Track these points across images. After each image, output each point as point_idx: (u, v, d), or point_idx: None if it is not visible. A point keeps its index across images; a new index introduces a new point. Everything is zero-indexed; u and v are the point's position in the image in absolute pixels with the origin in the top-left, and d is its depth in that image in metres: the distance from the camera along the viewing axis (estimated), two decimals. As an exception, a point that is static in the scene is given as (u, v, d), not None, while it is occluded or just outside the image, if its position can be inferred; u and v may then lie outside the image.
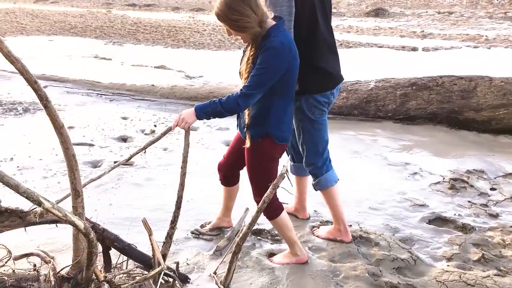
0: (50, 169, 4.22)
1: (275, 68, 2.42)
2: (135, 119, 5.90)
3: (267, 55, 2.40)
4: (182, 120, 2.51)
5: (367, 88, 6.01)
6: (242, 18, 2.35)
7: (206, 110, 2.49)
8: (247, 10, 2.34)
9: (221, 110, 2.46)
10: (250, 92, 2.42)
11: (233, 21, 2.38)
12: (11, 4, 27.77)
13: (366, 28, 15.73)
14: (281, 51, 2.41)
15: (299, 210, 3.49)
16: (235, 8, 2.34)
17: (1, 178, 1.79)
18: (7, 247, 2.36)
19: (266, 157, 2.67)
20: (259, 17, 2.38)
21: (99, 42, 13.13)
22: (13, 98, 6.65)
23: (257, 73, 2.42)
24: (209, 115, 2.51)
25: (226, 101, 2.45)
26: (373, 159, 4.68)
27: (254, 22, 2.37)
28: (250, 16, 2.35)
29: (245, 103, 2.46)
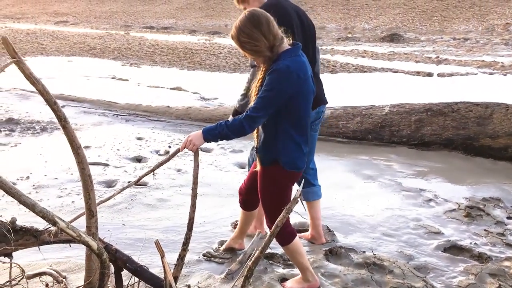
0: (65, 188, 4.26)
1: (279, 90, 2.41)
2: (150, 139, 5.95)
3: (271, 77, 2.42)
4: (190, 142, 2.53)
5: (382, 113, 6.00)
6: (251, 41, 2.41)
7: (213, 133, 2.50)
8: (257, 34, 2.40)
9: (227, 132, 2.47)
10: (255, 114, 2.43)
11: (243, 43, 2.44)
12: (33, 25, 28.53)
13: (381, 53, 15.79)
14: (285, 75, 2.41)
15: (315, 236, 3.45)
16: (245, 31, 2.41)
17: (18, 197, 1.81)
18: (20, 265, 2.37)
19: (276, 183, 2.66)
20: (270, 42, 2.42)
21: (116, 63, 13.36)
22: (31, 117, 6.77)
23: (261, 95, 2.44)
24: (216, 138, 2.52)
25: (232, 124, 2.46)
26: (387, 184, 4.64)
27: (264, 46, 2.42)
28: (259, 40, 2.40)
29: (250, 126, 2.46)
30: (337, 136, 6.05)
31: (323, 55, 15.05)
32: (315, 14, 31.40)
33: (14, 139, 5.78)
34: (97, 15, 37.39)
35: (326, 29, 26.89)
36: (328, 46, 18.02)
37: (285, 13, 2.90)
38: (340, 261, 3.22)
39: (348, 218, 3.86)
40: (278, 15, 2.56)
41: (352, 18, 29.29)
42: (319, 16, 30.72)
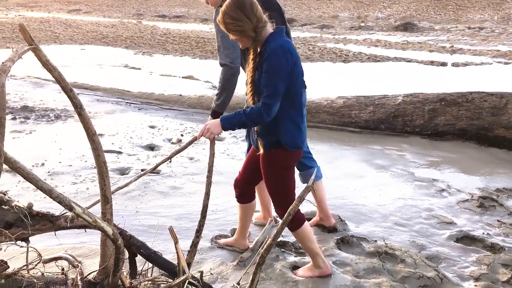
0: (79, 175, 4.32)
1: (282, 70, 2.48)
2: (163, 128, 5.98)
3: (270, 61, 2.48)
4: (207, 130, 2.55)
5: (395, 103, 5.96)
6: (234, 22, 2.50)
7: (231, 121, 2.54)
8: (240, 16, 2.49)
9: (245, 121, 2.51)
10: (269, 101, 2.48)
11: (227, 24, 2.52)
12: (46, 13, 28.66)
13: (395, 42, 15.63)
14: (281, 53, 2.49)
15: (323, 218, 3.49)
16: (229, 13, 2.51)
17: (36, 182, 1.84)
18: (37, 250, 2.41)
19: (281, 166, 2.71)
20: (253, 23, 2.50)
21: (129, 52, 13.41)
22: (46, 105, 6.84)
23: (268, 82, 2.48)
24: (234, 126, 2.56)
25: (250, 112, 2.50)
26: (400, 174, 4.63)
27: (247, 27, 2.50)
28: (243, 21, 2.49)
29: (268, 113, 2.50)
30: (349, 126, 6.03)
31: (335, 44, 14.95)
32: (328, 3, 31.13)
33: (29, 126, 5.85)
34: (110, 3, 37.43)
35: (338, 18, 26.65)
36: (341, 35, 17.88)
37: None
38: (351, 250, 3.23)
39: (360, 207, 3.86)
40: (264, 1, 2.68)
41: (365, 7, 28.98)
42: (332, 5, 30.44)
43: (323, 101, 6.27)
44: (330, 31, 19.88)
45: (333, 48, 13.74)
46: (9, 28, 17.17)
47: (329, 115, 6.13)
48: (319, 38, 16.74)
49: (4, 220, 2.26)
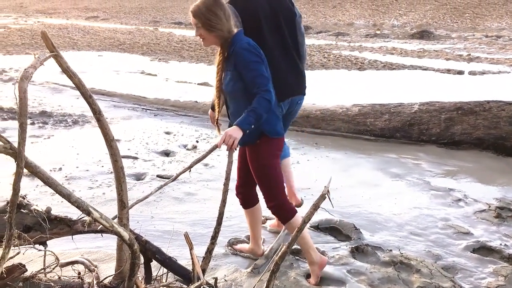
0: (96, 180, 4.36)
1: (259, 59, 2.65)
2: (178, 134, 6.02)
3: (244, 57, 2.63)
4: (229, 137, 2.55)
5: (411, 111, 5.92)
6: (215, 19, 2.63)
7: (248, 121, 2.58)
8: (221, 14, 2.64)
9: (259, 113, 2.58)
10: (266, 87, 2.61)
11: (207, 19, 2.63)
12: (64, 20, 29.11)
13: (411, 50, 15.54)
14: (251, 48, 2.66)
15: (290, 196, 3.53)
16: (211, 9, 2.63)
17: (55, 187, 1.87)
18: (55, 253, 2.44)
19: (268, 154, 2.81)
20: (228, 24, 2.67)
21: (145, 59, 13.55)
22: (64, 111, 6.94)
23: (253, 74, 2.62)
24: (252, 124, 2.60)
25: (259, 105, 2.58)
26: (416, 183, 4.59)
27: (224, 26, 2.65)
28: (222, 19, 2.64)
29: (271, 97, 2.63)
30: (364, 134, 6.00)
31: (351, 52, 14.92)
32: (344, 11, 31.10)
33: (47, 131, 5.94)
34: (127, 10, 37.89)
35: (354, 26, 26.61)
36: (356, 43, 17.84)
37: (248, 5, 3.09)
38: (366, 259, 3.21)
39: (375, 216, 3.84)
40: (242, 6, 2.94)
41: (381, 15, 28.90)
42: (348, 13, 30.41)
43: (338, 109, 6.26)
44: (345, 39, 19.85)
45: (348, 56, 13.71)
46: (28, 34, 17.47)
47: (344, 122, 6.11)
48: (334, 46, 16.73)
49: (23, 223, 2.30)
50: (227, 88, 2.75)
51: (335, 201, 3.51)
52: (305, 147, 5.63)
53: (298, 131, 6.24)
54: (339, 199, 4.01)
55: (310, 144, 5.76)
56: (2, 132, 5.74)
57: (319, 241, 3.40)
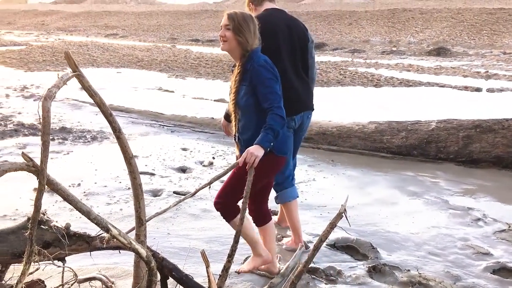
0: (113, 196, 4.41)
1: (274, 76, 2.81)
2: (195, 150, 6.06)
3: (261, 73, 2.78)
4: (251, 155, 2.60)
5: (428, 129, 5.88)
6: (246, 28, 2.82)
7: (267, 138, 2.67)
8: (251, 28, 2.83)
9: (276, 129, 2.69)
10: (278, 104, 2.74)
11: (239, 24, 2.81)
12: (84, 37, 29.71)
13: (427, 67, 15.49)
14: (268, 66, 2.83)
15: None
16: (246, 19, 2.84)
17: (75, 204, 1.90)
18: (73, 269, 2.47)
19: (268, 172, 2.89)
20: (253, 39, 2.85)
21: (163, 75, 13.72)
22: (83, 127, 7.05)
23: (266, 90, 2.75)
24: (271, 141, 2.69)
25: (274, 122, 2.69)
26: (433, 202, 4.54)
27: (249, 39, 2.83)
28: (250, 32, 2.83)
29: (283, 113, 2.76)
30: (381, 151, 5.97)
31: (367, 69, 14.92)
32: (360, 28, 31.20)
33: (66, 147, 6.03)
34: (145, 28, 38.55)
35: (370, 43, 26.65)
36: (372, 60, 17.84)
37: (270, 27, 3.32)
38: (384, 278, 3.17)
39: (392, 235, 3.80)
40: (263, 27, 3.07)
41: (397, 32, 28.91)
42: (364, 30, 30.48)
43: (355, 126, 6.25)
44: (361, 56, 19.88)
45: (364, 73, 13.71)
46: (49, 52, 17.85)
47: (361, 140, 6.09)
48: (350, 63, 16.75)
49: (43, 239, 2.33)
50: (240, 102, 2.86)
51: (352, 219, 3.47)
52: (321, 164, 5.62)
53: (314, 148, 6.24)
54: (355, 217, 3.98)
55: (326, 161, 5.75)
56: (23, 147, 5.85)
57: (335, 260, 3.38)
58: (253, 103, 2.81)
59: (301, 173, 5.24)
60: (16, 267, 2.48)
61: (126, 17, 45.81)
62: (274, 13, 3.52)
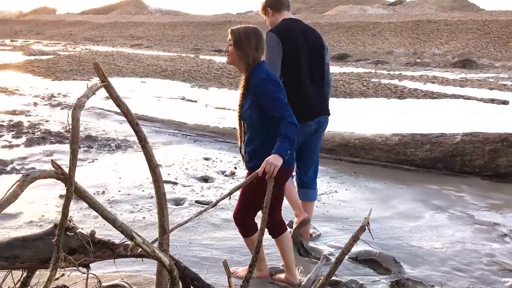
0: (136, 204, 4.46)
1: (277, 88, 2.82)
2: (217, 160, 6.10)
3: (262, 88, 2.80)
4: (270, 164, 2.60)
5: (453, 142, 5.79)
6: (246, 42, 2.86)
7: (284, 147, 2.67)
8: (253, 42, 2.86)
9: (292, 138, 2.69)
10: (288, 112, 2.74)
11: (239, 39, 2.87)
12: (110, 47, 30.29)
13: (452, 79, 15.29)
14: (270, 79, 2.84)
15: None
16: (247, 34, 2.88)
17: (101, 212, 1.94)
18: (98, 276, 2.50)
19: (278, 184, 2.84)
20: (257, 54, 2.88)
21: (186, 85, 13.88)
22: (108, 135, 7.17)
23: (273, 103, 2.77)
24: (288, 150, 2.69)
25: (288, 130, 2.68)
26: (458, 216, 4.45)
27: (250, 53, 2.86)
28: (251, 46, 2.85)
29: (295, 120, 2.74)
30: (404, 164, 5.91)
31: (390, 80, 14.82)
32: (383, 39, 31.03)
33: (91, 155, 6.14)
34: (169, 38, 39.10)
35: (394, 54, 26.47)
36: (396, 71, 17.71)
37: (290, 35, 3.54)
38: (407, 293, 3.11)
39: (416, 249, 3.74)
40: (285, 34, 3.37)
41: (421, 43, 28.66)
42: (387, 41, 30.31)
43: (378, 138, 6.20)
44: (385, 67, 19.75)
45: (387, 84, 13.61)
46: (76, 61, 18.26)
47: (384, 152, 6.04)
48: (374, 74, 16.66)
49: (69, 246, 2.37)
50: (245, 114, 2.92)
51: (374, 232, 3.43)
52: (343, 176, 5.59)
53: (337, 159, 6.20)
54: (378, 231, 3.94)
55: (349, 173, 5.71)
56: (50, 155, 5.98)
57: (357, 273, 3.34)
58: (257, 117, 2.86)
59: (323, 185, 5.22)
60: (41, 272, 2.53)
61: (151, 27, 46.58)
62: (292, 22, 3.70)
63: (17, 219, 3.99)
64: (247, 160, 2.99)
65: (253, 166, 2.89)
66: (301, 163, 3.84)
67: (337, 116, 9.35)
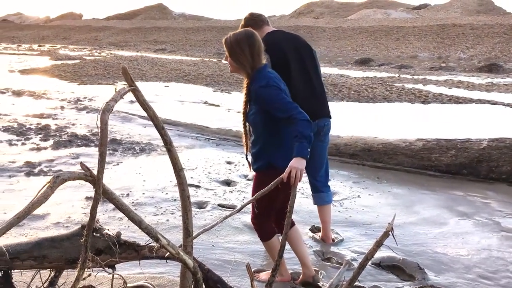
0: (160, 207, 4.51)
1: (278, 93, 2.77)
2: (239, 164, 6.13)
3: (263, 95, 2.78)
4: (294, 169, 2.60)
5: (479, 147, 5.70)
6: (240, 52, 2.82)
7: (303, 146, 2.66)
8: (246, 50, 2.81)
9: (308, 134, 2.67)
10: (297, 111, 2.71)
11: (232, 50, 2.86)
12: (135, 52, 30.73)
13: (478, 83, 15.04)
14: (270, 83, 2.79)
15: (323, 238, 3.89)
16: (239, 43, 2.83)
17: (128, 213, 1.97)
18: (123, 277, 2.54)
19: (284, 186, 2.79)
20: (253, 61, 2.83)
21: (209, 89, 13.98)
22: (132, 139, 7.28)
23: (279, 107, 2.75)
24: (308, 148, 2.68)
25: (302, 129, 2.66)
26: (484, 223, 4.38)
27: (247, 62, 2.83)
28: (246, 55, 2.81)
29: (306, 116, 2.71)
30: (429, 169, 5.83)
31: (414, 85, 14.65)
32: (407, 43, 30.71)
33: (116, 158, 6.24)
34: (192, 43, 39.46)
35: (418, 58, 26.16)
36: (420, 76, 17.51)
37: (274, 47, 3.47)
38: (431, 300, 3.08)
39: (440, 256, 3.69)
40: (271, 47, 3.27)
41: (446, 47, 28.26)
42: (411, 45, 29.98)
43: (401, 143, 6.14)
44: (408, 71, 19.54)
45: (411, 89, 13.46)
46: (101, 66, 18.57)
47: (408, 157, 5.97)
48: (397, 78, 16.50)
49: (95, 247, 2.42)
50: (249, 118, 2.95)
51: (398, 238, 3.40)
52: (366, 181, 5.55)
53: (359, 164, 6.17)
54: (401, 237, 3.90)
55: (372, 178, 5.67)
56: (76, 157, 6.10)
57: (380, 280, 3.31)
58: (261, 121, 2.88)
59: (346, 190, 5.19)
60: (68, 272, 2.59)
61: (175, 32, 47.09)
62: (276, 33, 3.73)
63: (45, 220, 4.08)
64: (253, 161, 3.04)
65: (259, 168, 2.97)
66: (308, 168, 3.74)
67: (359, 120, 9.33)
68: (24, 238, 3.59)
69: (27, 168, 5.53)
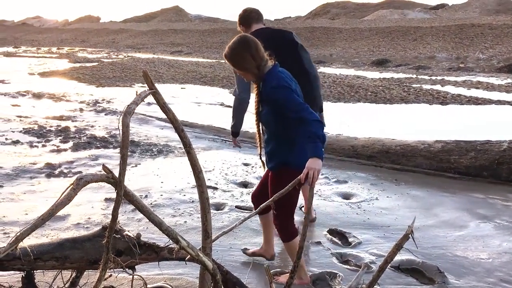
0: (178, 208, 4.54)
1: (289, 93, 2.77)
2: (256, 166, 6.13)
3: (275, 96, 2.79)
4: (312, 170, 2.61)
5: (500, 149, 5.61)
6: (242, 60, 2.85)
7: (317, 146, 2.67)
8: (247, 55, 2.82)
9: (320, 134, 2.68)
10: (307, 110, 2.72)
11: (235, 62, 2.89)
12: (151, 54, 30.98)
13: (498, 84, 14.81)
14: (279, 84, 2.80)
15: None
16: (237, 52, 2.85)
17: (148, 215, 1.99)
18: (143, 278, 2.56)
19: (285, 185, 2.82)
20: (257, 62, 2.83)
21: (225, 91, 14.01)
22: (150, 140, 7.34)
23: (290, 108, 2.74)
24: (321, 148, 2.69)
25: (314, 129, 2.67)
26: (506, 226, 4.31)
27: (251, 65, 2.84)
28: (248, 60, 2.83)
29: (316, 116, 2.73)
30: (448, 171, 5.76)
31: (432, 86, 14.49)
32: (425, 44, 30.40)
33: (134, 160, 6.30)
34: (209, 45, 39.63)
35: (436, 59, 25.87)
36: (438, 77, 17.31)
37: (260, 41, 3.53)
38: (451, 304, 3.04)
39: (460, 259, 3.64)
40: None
41: (465, 48, 27.90)
42: (429, 46, 29.68)
43: (420, 145, 6.08)
44: (426, 72, 19.34)
45: (429, 90, 13.31)
46: (119, 68, 18.77)
47: (426, 159, 5.91)
48: (415, 79, 16.34)
49: (116, 248, 2.45)
50: (262, 118, 2.99)
51: (417, 241, 3.37)
52: (384, 183, 5.50)
53: (377, 166, 6.12)
54: (421, 239, 3.86)
55: (390, 180, 5.62)
56: (95, 159, 6.17)
57: (400, 283, 3.28)
58: (272, 120, 2.93)
59: (364, 192, 5.16)
60: (89, 273, 2.63)
61: (191, 34, 47.35)
62: (260, 31, 3.77)
63: (65, 221, 4.14)
64: (267, 161, 3.11)
65: (273, 166, 3.04)
66: None
67: (377, 122, 9.25)
68: (46, 239, 3.65)
69: (47, 170, 5.61)
